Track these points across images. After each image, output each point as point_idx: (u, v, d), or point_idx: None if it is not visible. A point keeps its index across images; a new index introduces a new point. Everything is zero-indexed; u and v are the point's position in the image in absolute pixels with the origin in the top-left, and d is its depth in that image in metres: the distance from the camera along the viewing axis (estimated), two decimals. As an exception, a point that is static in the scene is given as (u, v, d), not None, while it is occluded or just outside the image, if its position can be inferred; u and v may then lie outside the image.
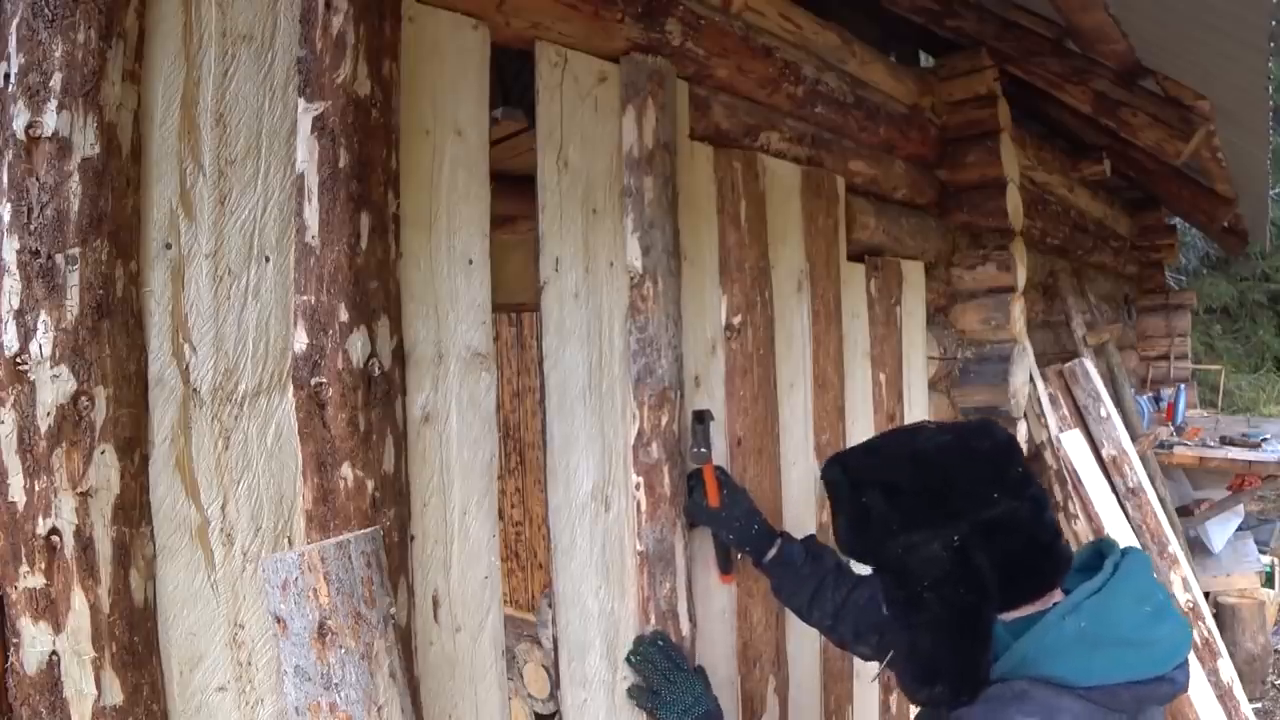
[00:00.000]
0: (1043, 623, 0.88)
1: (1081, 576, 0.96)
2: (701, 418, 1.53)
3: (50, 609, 0.82)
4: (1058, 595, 0.95)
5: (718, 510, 1.48)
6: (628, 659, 1.41)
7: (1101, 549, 1.00)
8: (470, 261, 1.21)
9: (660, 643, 1.42)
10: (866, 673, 2.12)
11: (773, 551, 1.48)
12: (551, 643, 1.37)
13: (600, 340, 1.41)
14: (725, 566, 1.59)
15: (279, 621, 0.94)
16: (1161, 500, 3.56)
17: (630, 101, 1.46)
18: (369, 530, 1.02)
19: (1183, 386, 5.48)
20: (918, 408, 2.42)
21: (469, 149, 1.22)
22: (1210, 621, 3.15)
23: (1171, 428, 4.99)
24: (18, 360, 0.81)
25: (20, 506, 0.81)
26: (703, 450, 1.51)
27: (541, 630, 2.45)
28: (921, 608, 0.94)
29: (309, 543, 1.00)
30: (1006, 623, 0.93)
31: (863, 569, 1.19)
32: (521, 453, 3.79)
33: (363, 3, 1.03)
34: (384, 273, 1.07)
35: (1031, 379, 2.81)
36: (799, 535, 1.54)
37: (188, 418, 0.93)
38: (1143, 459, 3.62)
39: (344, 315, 1.02)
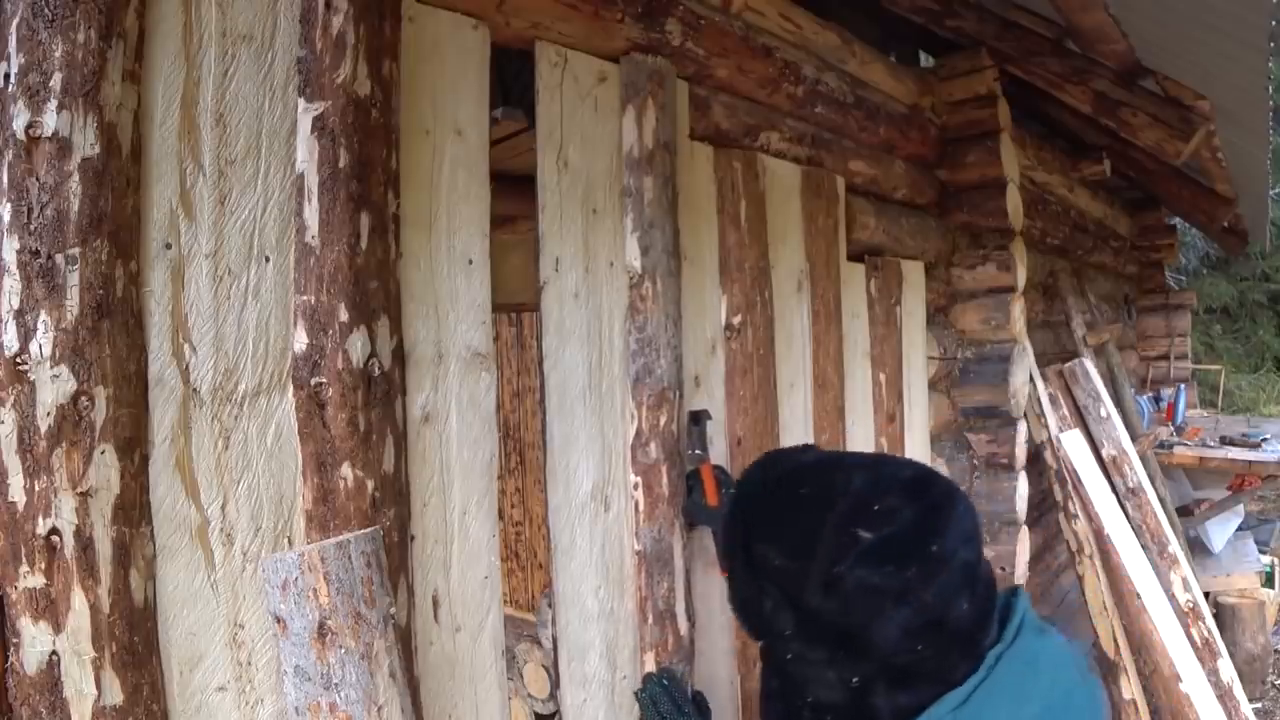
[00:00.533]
0: None
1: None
2: (698, 419, 1.53)
3: (50, 609, 0.82)
4: None
5: (717, 510, 1.48)
6: (636, 695, 1.41)
7: (1005, 611, 0.81)
8: (470, 261, 1.21)
9: (665, 683, 1.40)
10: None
11: None
12: (551, 643, 1.37)
13: (600, 340, 1.42)
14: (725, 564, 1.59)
15: (279, 621, 0.95)
16: (1161, 500, 3.56)
17: (630, 101, 1.46)
18: (369, 530, 1.02)
19: (1183, 386, 5.48)
20: (918, 408, 2.43)
21: (469, 149, 1.22)
22: (1210, 621, 3.15)
23: (1171, 428, 4.99)
24: (18, 360, 0.81)
25: (20, 506, 0.81)
26: (699, 452, 1.51)
27: (541, 630, 2.45)
28: None
29: (309, 543, 1.00)
30: None
31: None
32: (521, 453, 3.79)
33: (363, 3, 1.03)
34: (384, 273, 1.07)
35: (1031, 379, 2.81)
36: None
37: (188, 418, 0.93)
38: (1143, 459, 3.62)
39: (344, 315, 1.02)
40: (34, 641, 0.81)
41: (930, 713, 0.73)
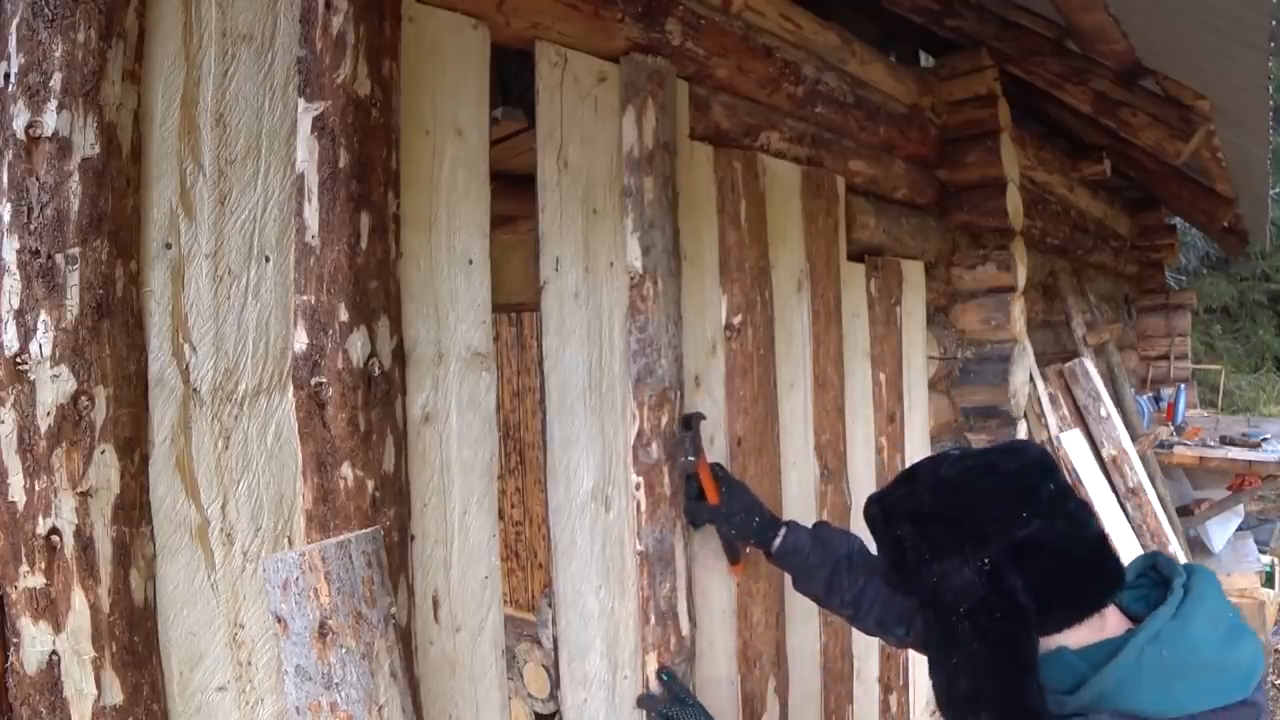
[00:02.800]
0: (1124, 653, 0.84)
1: (1135, 594, 0.94)
2: (689, 422, 1.50)
3: (50, 609, 0.82)
4: (1115, 616, 0.91)
5: (718, 507, 1.48)
6: (639, 700, 1.44)
7: (1159, 565, 0.96)
8: (470, 261, 1.21)
9: (665, 678, 1.43)
10: (867, 673, 2.12)
11: (778, 541, 1.46)
12: (551, 643, 1.37)
13: (600, 340, 1.41)
14: (734, 557, 1.57)
15: (280, 621, 0.95)
16: (1161, 500, 3.56)
17: (630, 101, 1.45)
18: (369, 530, 1.02)
19: (1183, 386, 5.48)
20: (918, 408, 2.42)
21: (469, 149, 1.22)
22: (1210, 621, 3.14)
23: (1171, 428, 4.99)
24: (18, 360, 0.81)
25: (20, 506, 0.81)
26: (690, 459, 1.49)
27: (541, 630, 2.45)
28: (958, 642, 0.90)
29: (309, 542, 1.00)
30: (1078, 651, 0.88)
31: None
32: (521, 453, 3.79)
33: (363, 3, 1.03)
34: (384, 273, 1.07)
35: (1031, 379, 2.81)
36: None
37: (188, 418, 0.93)
38: (1143, 459, 3.62)
39: (344, 315, 1.02)
40: (34, 641, 0.81)
41: (1148, 625, 0.84)
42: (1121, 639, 0.85)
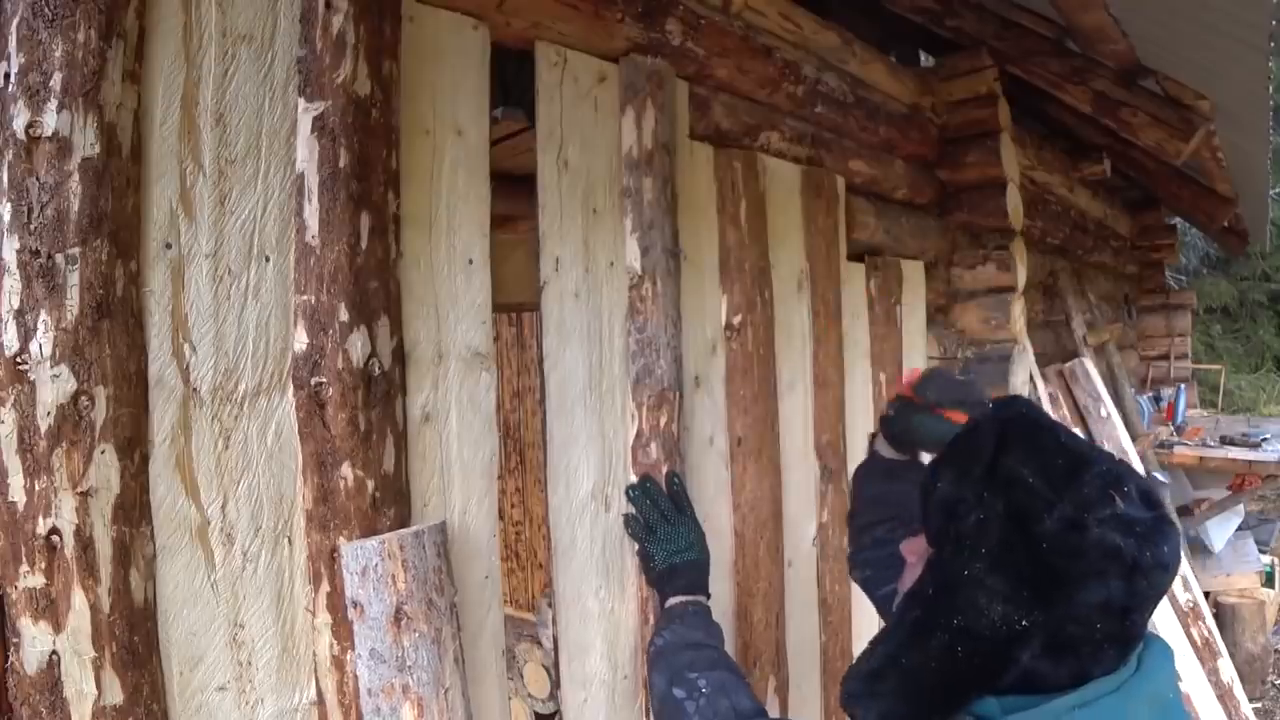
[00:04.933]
0: (1046, 710, 0.73)
1: None
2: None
3: (50, 609, 0.82)
4: None
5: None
6: (628, 491, 1.40)
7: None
8: (470, 261, 1.21)
9: (676, 484, 1.42)
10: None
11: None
12: (551, 643, 1.37)
13: (600, 340, 1.42)
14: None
15: (356, 606, 0.98)
16: (1161, 500, 3.55)
17: (630, 102, 1.46)
18: (439, 522, 1.07)
19: (1183, 386, 5.48)
20: (918, 408, 2.42)
21: (469, 149, 1.22)
22: (1210, 621, 3.15)
23: (1171, 427, 4.99)
24: (18, 360, 0.81)
25: (20, 506, 0.81)
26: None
27: (541, 630, 2.45)
28: (927, 636, 0.76)
29: (309, 542, 1.00)
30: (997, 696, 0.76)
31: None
32: (521, 453, 3.79)
33: (363, 3, 1.03)
34: (384, 273, 1.07)
35: (1031, 379, 2.81)
36: (801, 531, 1.52)
37: (188, 418, 0.93)
38: (1143, 459, 3.62)
39: (344, 315, 1.02)
40: (34, 641, 0.82)
41: (1085, 691, 0.73)
42: (1048, 699, 0.74)
